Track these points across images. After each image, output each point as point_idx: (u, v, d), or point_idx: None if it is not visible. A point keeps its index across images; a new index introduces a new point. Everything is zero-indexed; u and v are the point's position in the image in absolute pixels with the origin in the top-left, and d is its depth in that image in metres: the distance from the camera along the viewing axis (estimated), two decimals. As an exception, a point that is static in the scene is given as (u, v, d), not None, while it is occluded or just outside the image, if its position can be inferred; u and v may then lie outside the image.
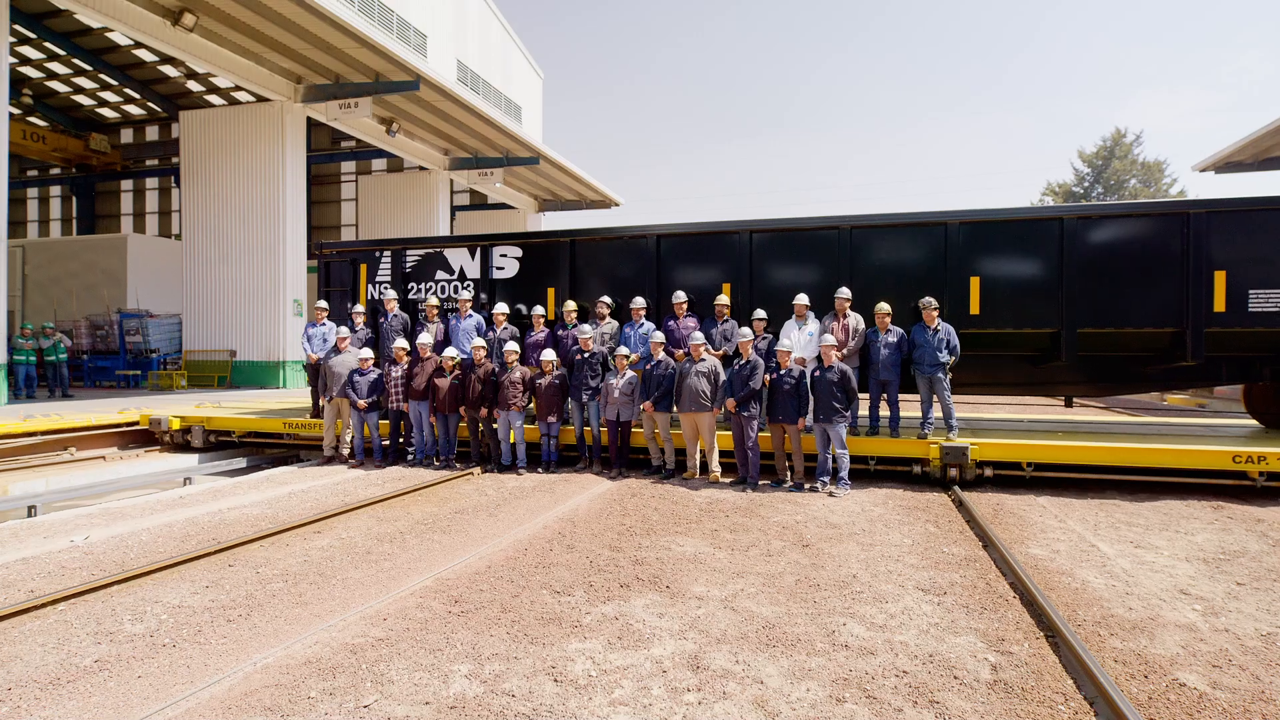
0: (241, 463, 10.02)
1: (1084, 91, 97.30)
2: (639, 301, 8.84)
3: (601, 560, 5.08)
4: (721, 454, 8.08)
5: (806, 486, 7.58)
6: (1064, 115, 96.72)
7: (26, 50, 24.44)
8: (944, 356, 7.73)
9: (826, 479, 7.54)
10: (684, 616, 4.05)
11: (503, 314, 9.25)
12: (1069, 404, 10.14)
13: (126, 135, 30.71)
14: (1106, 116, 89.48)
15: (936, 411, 8.00)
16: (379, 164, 28.89)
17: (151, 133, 30.36)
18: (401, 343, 9.05)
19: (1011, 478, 7.78)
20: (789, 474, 7.82)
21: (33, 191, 34.13)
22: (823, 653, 3.58)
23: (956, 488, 7.43)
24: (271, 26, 15.22)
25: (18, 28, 22.11)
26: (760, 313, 8.27)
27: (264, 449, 10.60)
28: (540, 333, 9.14)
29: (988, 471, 7.69)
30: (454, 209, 30.62)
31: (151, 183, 32.25)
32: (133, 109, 29.02)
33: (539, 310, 9.26)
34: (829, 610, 4.17)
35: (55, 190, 33.84)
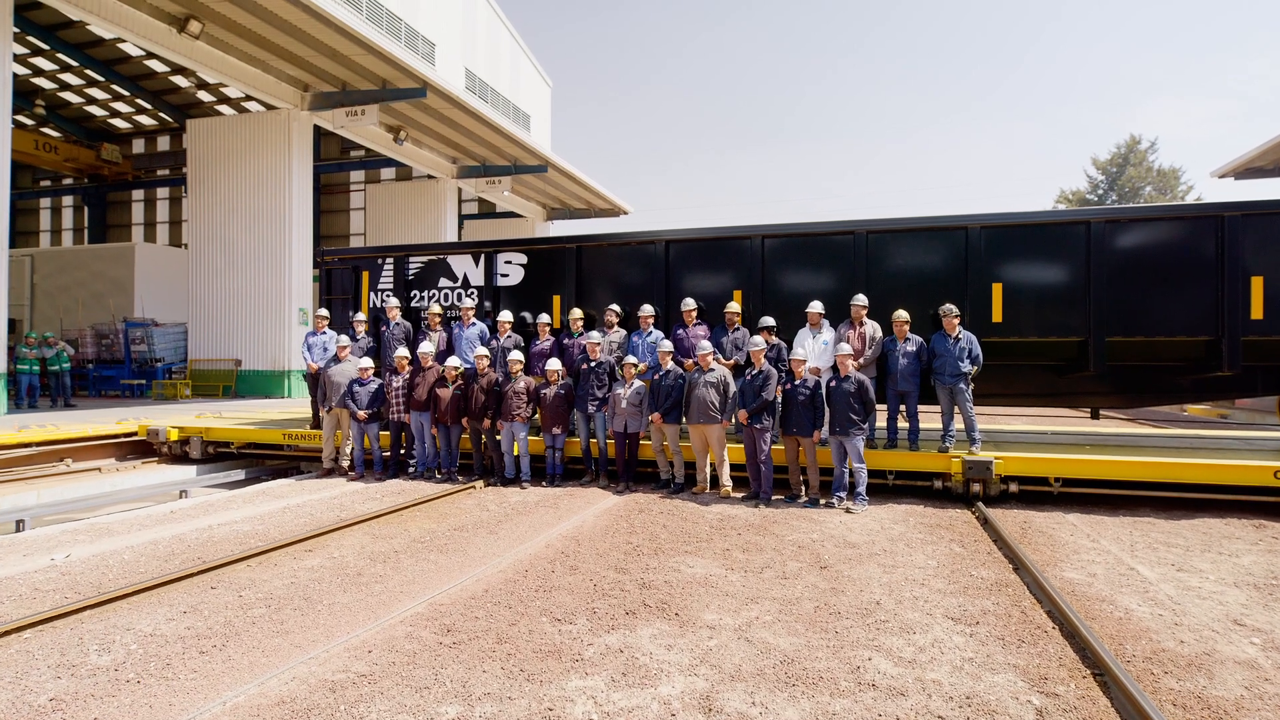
0: (240, 474, 9.79)
1: (1092, 99, 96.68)
2: (647, 309, 8.55)
3: (606, 583, 4.76)
4: (733, 467, 7.76)
5: (822, 502, 7.24)
6: (1072, 122, 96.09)
7: (40, 61, 24.61)
8: (966, 366, 7.39)
9: (843, 494, 7.20)
10: (695, 649, 3.73)
11: (507, 322, 8.98)
12: (1095, 415, 9.75)
13: (138, 145, 30.88)
14: (1116, 124, 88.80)
15: (958, 423, 7.66)
16: (387, 173, 28.86)
17: (163, 143, 30.52)
18: (403, 351, 8.80)
19: (1037, 493, 7.41)
20: (804, 489, 7.49)
21: (45, 201, 34.35)
22: (848, 693, 3.25)
23: (980, 504, 7.08)
24: (278, 34, 15.14)
25: (31, 39, 22.27)
26: (768, 319, 7.95)
27: (264, 460, 10.36)
28: (545, 341, 8.86)
29: (1013, 487, 7.33)
30: (462, 218, 30.51)
31: (163, 192, 32.37)
32: (144, 119, 29.19)
33: (544, 318, 8.99)
34: (852, 642, 3.83)
35: (67, 200, 34.04)
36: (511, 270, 9.70)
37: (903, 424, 7.93)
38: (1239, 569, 5.19)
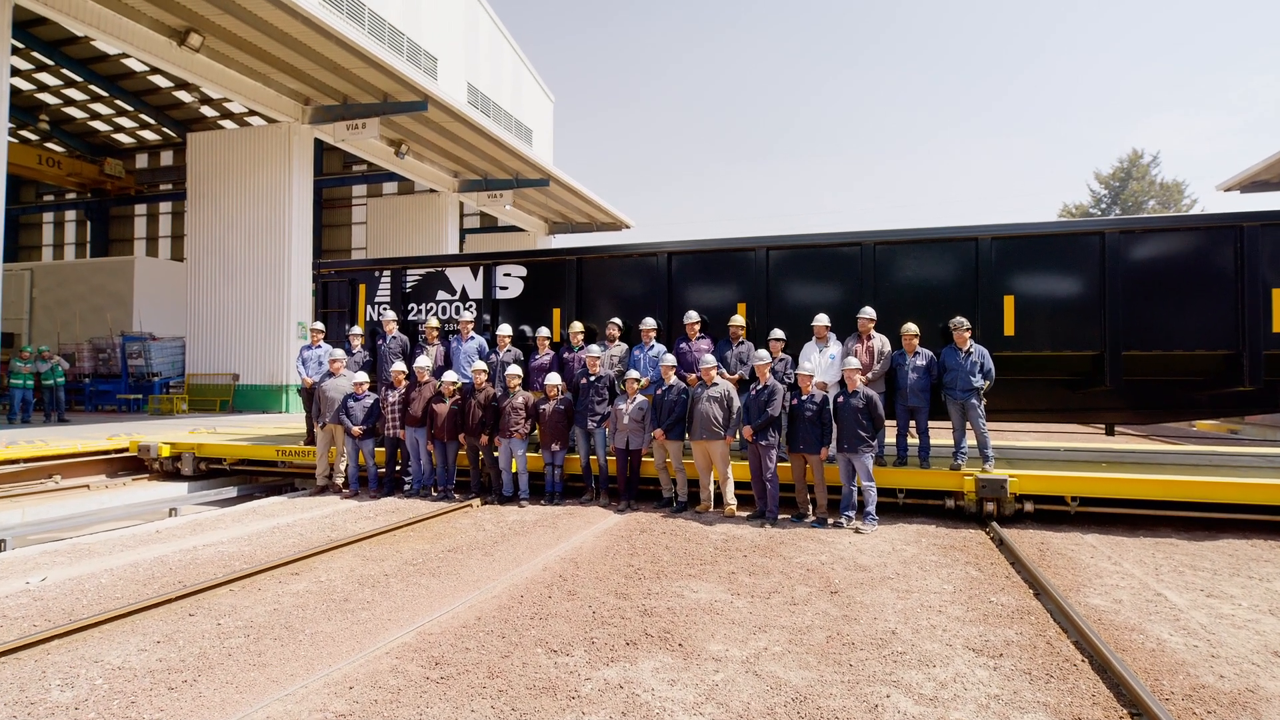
0: (232, 492, 9.56)
1: (1092, 114, 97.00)
2: (649, 322, 8.35)
3: (606, 610, 4.52)
4: (737, 485, 7.51)
5: (830, 522, 6.98)
6: (1073, 138, 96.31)
7: (44, 77, 24.68)
8: (978, 381, 7.16)
9: (852, 514, 6.95)
10: (700, 683, 3.48)
11: (506, 336, 8.78)
12: (1111, 432, 9.51)
13: (141, 160, 30.93)
14: (1117, 139, 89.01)
15: (970, 440, 7.42)
16: (390, 187, 28.85)
17: (166, 158, 30.57)
18: (399, 366, 8.60)
19: (1052, 512, 7.15)
20: (811, 508, 7.24)
21: (48, 216, 34.37)
22: (866, 736, 3.00)
23: (995, 524, 6.82)
24: (278, 47, 15.10)
25: (36, 55, 22.34)
26: (777, 332, 7.76)
27: (257, 477, 10.13)
28: (545, 355, 8.66)
29: (1028, 506, 7.07)
30: (463, 232, 30.45)
31: (165, 207, 32.37)
32: (148, 134, 29.26)
33: (544, 332, 8.78)
34: (868, 676, 3.58)
35: (70, 215, 34.06)
36: (511, 283, 9.51)
37: (913, 440, 7.68)
38: (1272, 595, 4.93)
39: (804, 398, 7.02)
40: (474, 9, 26.06)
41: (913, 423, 7.60)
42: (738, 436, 7.30)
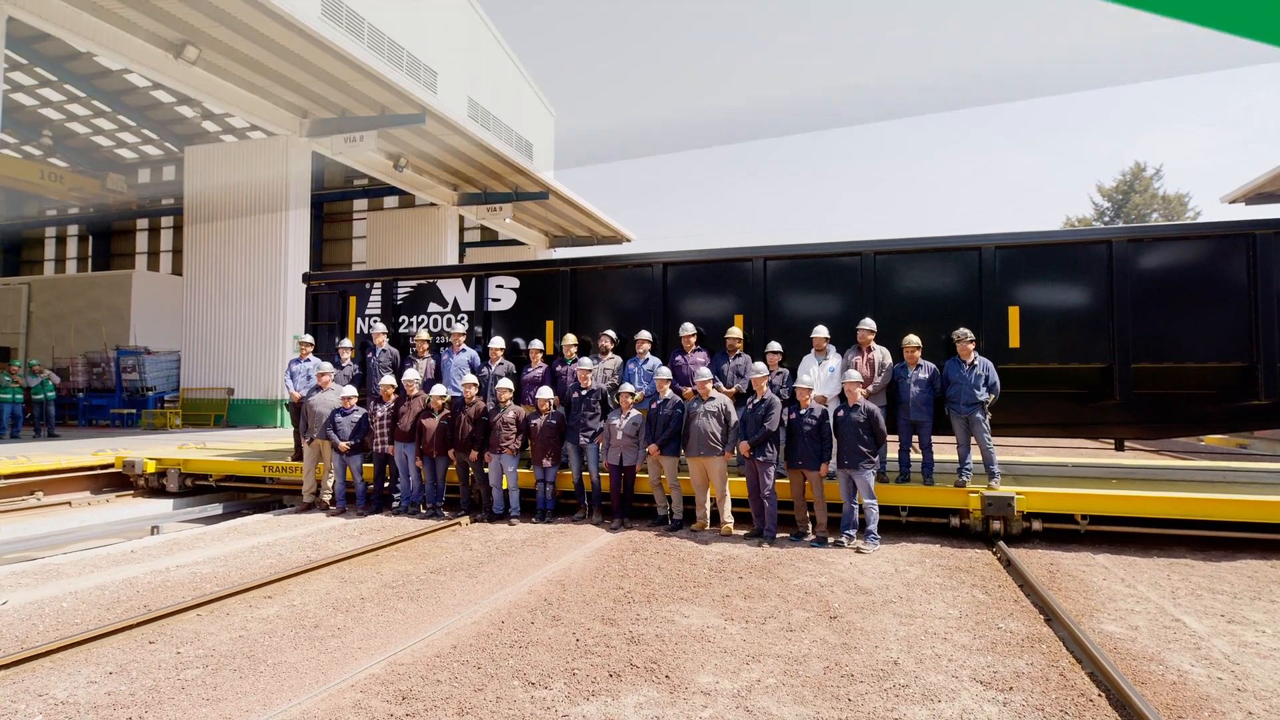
0: (217, 509, 9.34)
1: (1091, 129, 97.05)
2: (644, 335, 8.13)
3: (590, 638, 4.26)
4: (735, 502, 7.26)
5: (830, 541, 6.72)
6: (1072, 153, 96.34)
7: (48, 92, 24.76)
8: (982, 394, 6.92)
9: (852, 532, 6.69)
10: (685, 721, 3.23)
11: (499, 348, 8.57)
12: (1120, 447, 9.24)
13: (144, 175, 30.96)
14: (1118, 153, 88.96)
15: (975, 455, 7.16)
16: (390, 201, 28.80)
17: (168, 173, 30.58)
18: (388, 379, 8.39)
19: (1061, 531, 6.87)
20: (810, 526, 6.98)
21: (50, 231, 34.42)
22: (865, 782, 2.74)
23: (1002, 543, 6.55)
24: (275, 59, 15.06)
25: (40, 70, 22.41)
26: (774, 345, 7.54)
27: (245, 494, 9.90)
28: (537, 368, 8.44)
29: (1036, 525, 6.80)
30: (464, 245, 30.35)
31: (167, 221, 32.40)
32: (150, 149, 29.31)
33: (536, 344, 8.57)
34: (868, 713, 3.32)
35: (72, 229, 34.10)
36: (503, 294, 9.31)
37: (915, 456, 7.43)
38: (1298, 620, 4.65)
39: (803, 412, 6.79)
40: (476, 25, 26.16)
41: (915, 438, 7.35)
42: (735, 452, 7.06)
